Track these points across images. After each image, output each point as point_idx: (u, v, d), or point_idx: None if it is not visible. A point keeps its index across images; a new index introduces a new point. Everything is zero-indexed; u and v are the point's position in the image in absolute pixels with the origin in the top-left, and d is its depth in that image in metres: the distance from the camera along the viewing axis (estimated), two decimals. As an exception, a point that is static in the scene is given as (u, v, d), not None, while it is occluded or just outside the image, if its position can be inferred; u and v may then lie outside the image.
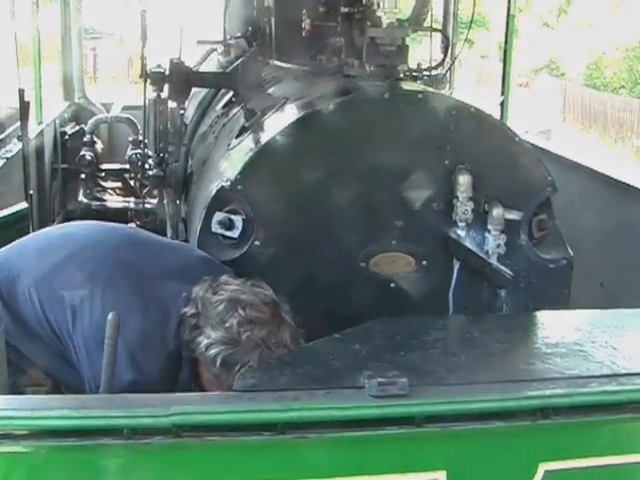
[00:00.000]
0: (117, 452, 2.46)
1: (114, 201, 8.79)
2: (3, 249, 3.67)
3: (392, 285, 4.05)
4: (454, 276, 4.11)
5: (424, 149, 3.99)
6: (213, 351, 3.20)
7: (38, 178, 7.80)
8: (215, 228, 3.91)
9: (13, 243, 3.72)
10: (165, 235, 5.98)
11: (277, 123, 4.03)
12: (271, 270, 3.88)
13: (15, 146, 6.68)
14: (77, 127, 9.00)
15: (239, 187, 3.84)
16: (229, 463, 2.53)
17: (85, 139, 8.64)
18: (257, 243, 3.89)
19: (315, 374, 2.79)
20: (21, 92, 6.36)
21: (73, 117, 9.31)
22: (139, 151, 8.56)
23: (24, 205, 4.84)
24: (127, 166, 8.70)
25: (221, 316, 3.24)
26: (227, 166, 4.12)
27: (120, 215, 8.65)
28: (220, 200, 3.91)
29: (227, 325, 3.22)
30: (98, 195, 8.80)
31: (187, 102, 6.32)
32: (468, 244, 4.01)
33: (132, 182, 8.92)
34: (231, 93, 5.40)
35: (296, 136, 3.85)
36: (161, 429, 2.43)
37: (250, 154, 3.88)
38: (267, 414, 2.50)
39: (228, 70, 5.34)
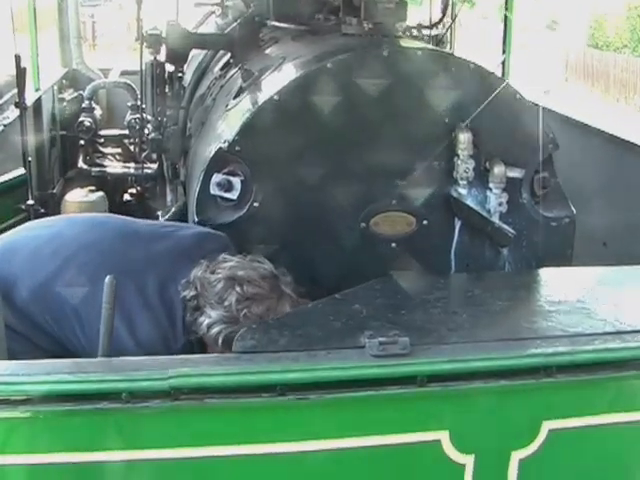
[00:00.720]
0: (115, 416, 2.43)
1: (114, 167, 8.72)
2: None
3: (393, 245, 4.01)
4: (455, 235, 4.06)
5: (424, 107, 3.92)
6: (214, 330, 3.19)
7: (36, 145, 7.74)
8: (214, 190, 3.87)
9: None
10: (165, 199, 5.97)
11: (274, 83, 3.97)
12: (270, 231, 3.85)
13: (12, 113, 6.61)
14: (75, 93, 8.92)
15: (237, 148, 3.79)
16: (229, 425, 2.51)
17: (84, 105, 8.55)
18: (256, 204, 3.85)
19: (315, 335, 2.75)
20: (17, 58, 6.26)
21: (71, 83, 9.21)
22: (138, 116, 8.50)
23: (22, 171, 4.78)
24: (127, 131, 8.64)
25: (220, 294, 3.22)
26: (225, 127, 4.07)
27: (120, 181, 8.62)
28: (218, 162, 3.87)
29: (226, 304, 3.20)
30: (98, 161, 8.73)
31: (186, 65, 6.26)
32: (470, 203, 3.97)
33: (132, 147, 8.85)
34: (229, 55, 5.34)
35: (293, 96, 3.79)
36: (159, 392, 2.41)
37: (247, 115, 3.83)
38: (266, 375, 2.47)
39: (226, 32, 5.27)
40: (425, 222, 4.02)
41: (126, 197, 8.77)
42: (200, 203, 3.90)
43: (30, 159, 6.51)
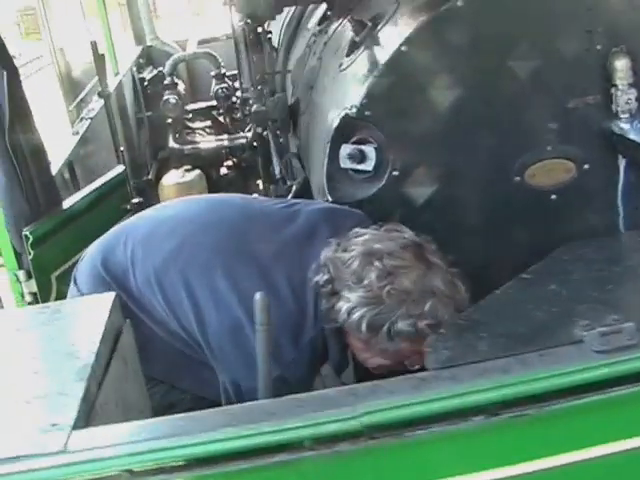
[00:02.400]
0: (298, 468, 1.99)
1: (206, 142, 8.37)
2: (104, 240, 3.27)
3: (553, 197, 3.51)
4: (621, 177, 3.54)
5: (571, 35, 3.38)
6: (356, 315, 2.75)
7: (124, 132, 7.40)
8: (344, 163, 3.41)
9: (113, 231, 3.31)
10: (273, 169, 5.56)
11: (396, 32, 3.46)
12: (416, 201, 3.40)
13: (97, 103, 6.27)
14: (155, 71, 8.56)
15: (367, 113, 3.33)
16: (436, 459, 2.06)
17: (166, 82, 8.19)
18: (396, 173, 3.38)
19: (518, 331, 2.28)
20: (93, 45, 5.88)
21: (149, 61, 8.85)
22: (225, 85, 8.14)
23: (121, 168, 4.41)
24: (214, 103, 8.30)
25: (357, 274, 2.77)
26: (346, 90, 3.60)
27: (215, 155, 8.28)
28: (345, 131, 3.41)
29: (365, 282, 2.74)
30: (189, 138, 8.38)
31: (266, 26, 5.81)
32: (634, 137, 3.42)
33: (221, 118, 8.51)
34: (323, 8, 4.86)
35: (424, 44, 3.30)
36: (350, 434, 1.96)
37: (374, 73, 3.35)
38: (475, 396, 2.00)
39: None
40: (586, 166, 3.50)
41: (223, 171, 8.46)
42: (331, 180, 3.45)
43: (122, 149, 6.16)
